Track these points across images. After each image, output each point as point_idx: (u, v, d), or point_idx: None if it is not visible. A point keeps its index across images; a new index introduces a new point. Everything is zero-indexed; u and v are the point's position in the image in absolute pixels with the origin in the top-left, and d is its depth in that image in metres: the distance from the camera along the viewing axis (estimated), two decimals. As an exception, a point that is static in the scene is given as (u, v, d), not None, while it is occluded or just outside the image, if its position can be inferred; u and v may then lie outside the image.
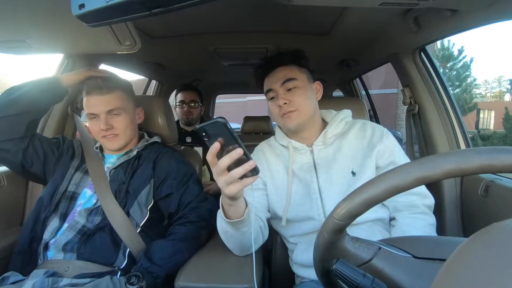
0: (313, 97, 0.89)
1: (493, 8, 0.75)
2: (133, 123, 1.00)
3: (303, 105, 0.85)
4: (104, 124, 0.92)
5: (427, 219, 0.80)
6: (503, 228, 0.24)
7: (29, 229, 0.89)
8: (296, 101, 0.85)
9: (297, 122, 0.86)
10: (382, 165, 0.84)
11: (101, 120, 0.93)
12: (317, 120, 0.92)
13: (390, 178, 0.36)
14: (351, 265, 0.41)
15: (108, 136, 0.94)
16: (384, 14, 1.02)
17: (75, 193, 0.93)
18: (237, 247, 0.79)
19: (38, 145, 0.97)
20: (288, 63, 0.88)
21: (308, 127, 0.89)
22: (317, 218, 0.82)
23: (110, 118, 0.94)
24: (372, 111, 2.49)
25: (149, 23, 1.17)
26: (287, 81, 0.85)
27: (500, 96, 22.22)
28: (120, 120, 0.95)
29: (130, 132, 0.99)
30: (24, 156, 0.94)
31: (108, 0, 0.48)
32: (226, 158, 0.52)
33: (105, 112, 0.93)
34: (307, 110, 0.86)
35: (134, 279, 0.75)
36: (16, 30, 0.88)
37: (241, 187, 0.56)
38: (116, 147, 0.97)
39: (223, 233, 0.76)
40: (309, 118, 0.88)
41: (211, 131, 0.52)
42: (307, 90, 0.87)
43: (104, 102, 0.93)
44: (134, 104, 1.02)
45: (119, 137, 0.96)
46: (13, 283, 0.77)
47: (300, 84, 0.86)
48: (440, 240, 0.51)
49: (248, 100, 13.84)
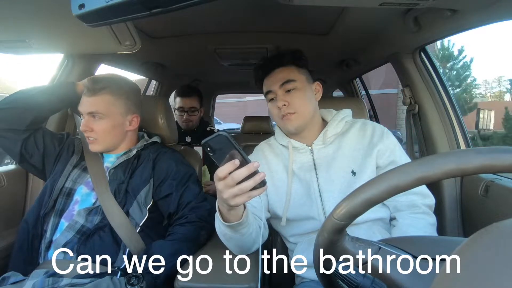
0: (313, 98, 0.89)
1: (493, 8, 0.75)
2: (117, 129, 0.95)
3: (302, 107, 0.85)
4: (84, 125, 0.91)
5: (428, 219, 0.80)
6: (503, 228, 0.24)
7: (31, 226, 0.89)
8: (295, 102, 0.84)
9: (297, 124, 0.86)
10: (382, 164, 0.84)
11: (84, 120, 0.93)
12: (317, 120, 0.91)
13: (390, 178, 0.36)
14: (351, 265, 0.41)
15: (90, 138, 0.93)
16: (384, 14, 1.02)
17: (72, 189, 0.93)
18: (236, 247, 0.79)
19: (40, 137, 0.98)
20: (287, 64, 0.87)
21: (308, 127, 0.89)
22: (317, 218, 0.82)
23: (92, 121, 0.92)
24: (372, 111, 2.49)
25: (149, 23, 1.17)
26: (286, 82, 0.85)
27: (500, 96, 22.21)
28: (100, 124, 0.92)
29: (111, 138, 0.95)
30: (23, 146, 0.94)
31: (108, 0, 0.48)
32: (243, 170, 0.52)
33: (87, 113, 0.92)
34: (306, 112, 0.86)
35: (134, 280, 0.75)
36: (16, 30, 0.88)
37: (247, 199, 0.56)
38: (94, 150, 0.94)
39: (222, 235, 0.76)
40: (309, 119, 0.87)
41: (215, 145, 0.53)
42: (306, 91, 0.86)
43: (89, 103, 0.92)
44: (126, 110, 0.97)
45: (97, 141, 0.93)
46: (13, 283, 0.78)
47: (299, 85, 0.85)
48: (440, 240, 0.51)
49: (248, 100, 13.83)
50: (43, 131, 1.00)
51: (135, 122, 1.00)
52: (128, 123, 0.98)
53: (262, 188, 0.55)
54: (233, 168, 0.53)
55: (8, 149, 0.96)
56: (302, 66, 0.89)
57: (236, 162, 0.52)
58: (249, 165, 0.52)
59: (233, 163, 0.52)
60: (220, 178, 0.54)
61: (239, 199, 0.55)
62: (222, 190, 0.55)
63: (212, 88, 3.08)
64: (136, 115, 1.00)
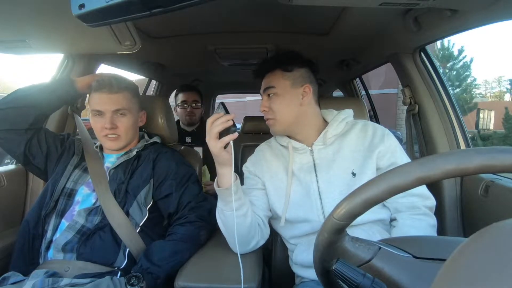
0: (296, 103, 0.86)
1: (493, 8, 0.75)
2: (135, 126, 1.01)
3: (280, 113, 0.86)
4: (109, 123, 0.93)
5: (428, 220, 0.80)
6: (503, 228, 0.24)
7: (32, 226, 0.89)
8: (274, 108, 0.86)
9: (276, 129, 0.88)
10: (383, 166, 0.84)
11: (106, 118, 0.93)
12: (309, 122, 0.89)
13: (390, 178, 0.36)
14: (351, 265, 0.41)
15: (110, 135, 0.95)
16: (384, 14, 1.02)
17: (73, 190, 0.93)
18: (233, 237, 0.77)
19: (42, 138, 0.98)
20: (273, 69, 0.88)
21: (297, 131, 0.89)
22: (316, 219, 0.82)
23: (116, 118, 0.95)
24: (372, 111, 2.48)
25: (149, 23, 1.16)
26: (267, 88, 0.87)
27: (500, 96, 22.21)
28: (124, 121, 0.96)
29: (131, 134, 1.00)
30: (27, 147, 0.95)
31: (108, 0, 0.48)
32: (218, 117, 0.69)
33: (112, 111, 0.94)
34: (284, 118, 0.86)
35: (134, 280, 0.75)
36: (16, 30, 0.88)
37: (220, 144, 0.69)
38: (115, 147, 0.97)
39: (219, 215, 0.79)
40: (290, 124, 0.87)
41: None
42: (286, 98, 0.85)
43: (113, 100, 0.94)
44: (139, 106, 1.03)
45: (120, 138, 0.96)
46: (13, 283, 0.78)
47: (280, 91, 0.85)
48: (440, 240, 0.51)
49: (248, 100, 13.83)
50: (45, 132, 1.00)
51: (143, 118, 1.08)
52: (139, 120, 1.05)
53: (232, 135, 0.69)
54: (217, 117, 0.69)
55: (12, 151, 0.96)
56: (290, 70, 0.87)
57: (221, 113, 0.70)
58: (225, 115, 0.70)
59: (218, 114, 0.70)
60: (207, 125, 0.70)
61: (213, 143, 0.69)
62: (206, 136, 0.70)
63: (212, 88, 3.08)
64: (144, 112, 1.07)
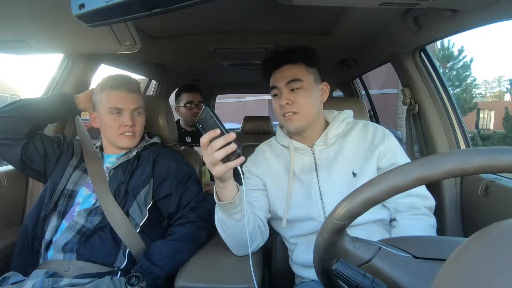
0: (318, 99, 0.87)
1: (493, 8, 0.75)
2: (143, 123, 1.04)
3: (305, 108, 0.83)
4: (130, 120, 0.94)
5: (428, 220, 0.80)
6: (503, 228, 0.24)
7: (30, 228, 0.89)
8: (299, 102, 0.83)
9: (299, 125, 0.85)
10: (383, 166, 0.84)
11: (125, 116, 0.95)
12: (319, 121, 0.90)
13: (390, 178, 0.36)
14: (351, 265, 0.41)
15: (127, 133, 0.96)
16: (384, 14, 1.02)
17: (74, 191, 0.93)
18: (234, 241, 0.79)
19: (38, 142, 0.98)
20: (297, 62, 0.85)
21: (310, 128, 0.88)
22: (317, 219, 0.82)
23: (134, 116, 0.97)
24: (372, 111, 2.48)
25: (149, 23, 1.16)
26: (292, 81, 0.83)
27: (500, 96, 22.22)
28: (141, 120, 1.00)
29: (142, 133, 1.03)
30: (23, 152, 0.94)
31: (108, 0, 0.48)
32: (220, 139, 0.58)
33: (131, 109, 0.96)
34: (309, 113, 0.85)
35: (134, 280, 0.75)
36: (16, 30, 0.88)
37: (225, 169, 0.61)
38: (131, 145, 0.99)
39: (219, 223, 0.77)
40: (311, 121, 0.86)
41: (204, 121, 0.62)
42: (311, 92, 0.84)
43: (132, 99, 0.96)
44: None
45: (135, 136, 0.98)
46: (14, 284, 0.78)
47: (306, 85, 0.83)
48: (440, 240, 0.51)
49: (248, 100, 13.84)
50: (40, 136, 1.00)
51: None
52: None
53: (239, 159, 0.60)
54: (213, 136, 0.59)
55: (8, 157, 0.95)
56: (312, 65, 0.87)
57: (217, 131, 0.59)
58: (226, 136, 0.58)
59: (214, 131, 0.59)
60: (202, 146, 0.60)
61: (218, 169, 0.61)
62: (205, 159, 0.61)
63: (212, 88, 3.08)
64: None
